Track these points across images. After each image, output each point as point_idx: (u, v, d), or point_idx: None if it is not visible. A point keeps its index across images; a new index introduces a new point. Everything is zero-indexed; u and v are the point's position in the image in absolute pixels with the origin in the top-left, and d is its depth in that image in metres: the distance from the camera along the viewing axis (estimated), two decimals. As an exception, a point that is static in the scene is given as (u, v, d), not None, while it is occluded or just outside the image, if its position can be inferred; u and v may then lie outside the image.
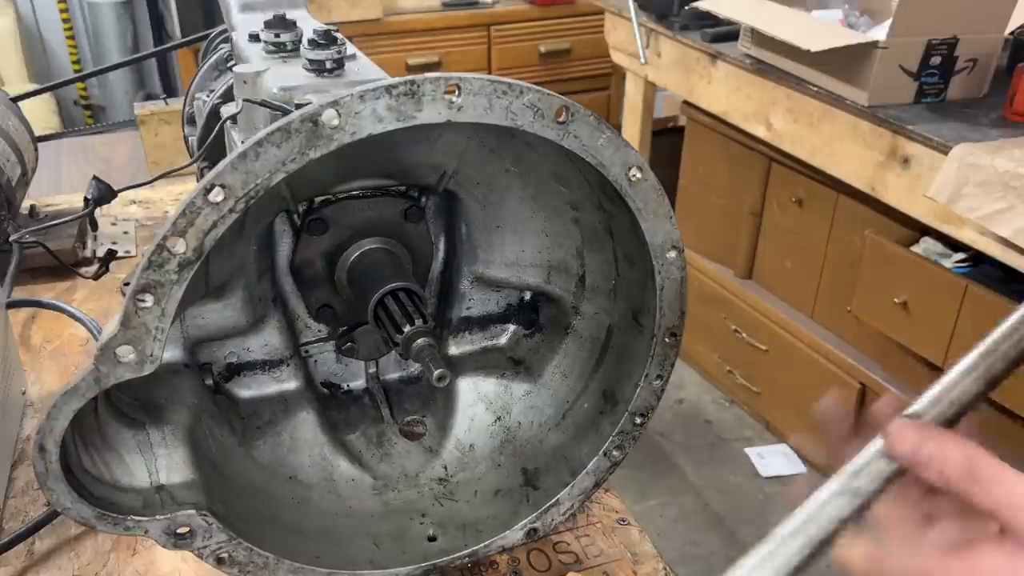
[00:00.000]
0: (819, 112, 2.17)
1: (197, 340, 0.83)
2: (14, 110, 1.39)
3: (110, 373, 0.60)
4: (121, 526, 0.67)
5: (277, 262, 0.85)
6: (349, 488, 0.88)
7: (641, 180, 0.69)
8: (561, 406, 0.90)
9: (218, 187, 0.57)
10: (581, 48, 3.84)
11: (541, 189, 0.81)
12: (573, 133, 0.65)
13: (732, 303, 2.85)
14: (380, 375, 0.95)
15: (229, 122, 0.93)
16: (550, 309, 0.92)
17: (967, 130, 1.88)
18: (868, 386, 2.39)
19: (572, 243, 0.85)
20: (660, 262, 0.73)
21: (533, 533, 0.85)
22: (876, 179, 2.05)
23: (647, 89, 2.97)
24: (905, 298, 2.13)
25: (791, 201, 2.59)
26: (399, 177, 0.84)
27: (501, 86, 0.62)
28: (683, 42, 2.62)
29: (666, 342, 0.78)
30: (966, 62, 1.99)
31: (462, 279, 0.92)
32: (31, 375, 1.13)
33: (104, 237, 1.45)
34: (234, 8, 1.09)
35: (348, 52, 0.83)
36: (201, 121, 1.16)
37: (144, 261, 0.57)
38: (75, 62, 4.32)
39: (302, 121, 0.57)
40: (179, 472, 0.73)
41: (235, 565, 0.72)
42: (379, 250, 0.84)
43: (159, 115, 1.90)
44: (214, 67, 1.27)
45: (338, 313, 0.88)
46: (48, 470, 0.63)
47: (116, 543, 0.88)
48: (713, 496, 2.59)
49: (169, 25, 3.82)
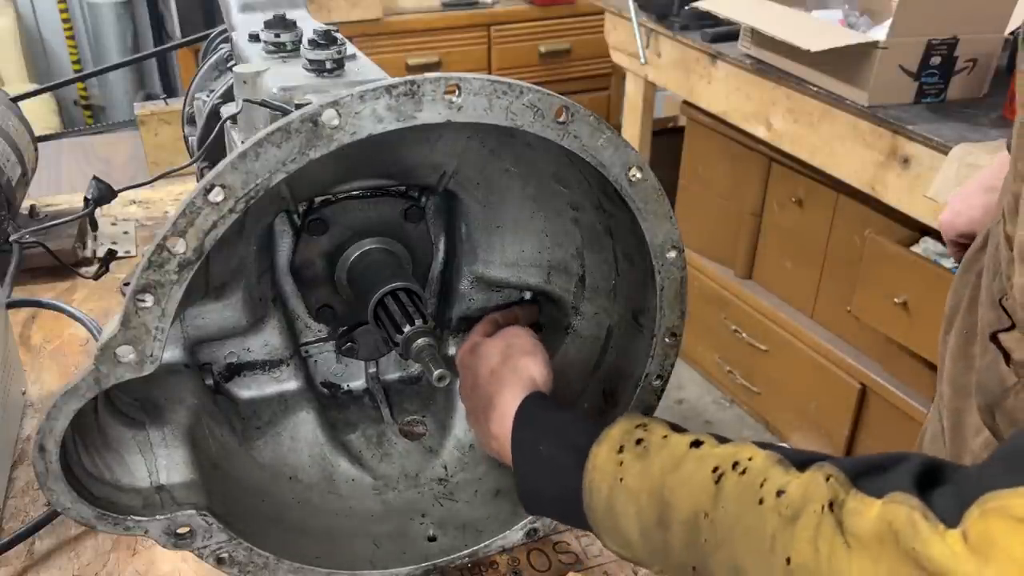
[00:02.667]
0: (819, 112, 2.17)
1: (197, 340, 0.83)
2: (14, 110, 1.39)
3: (110, 373, 0.60)
4: (121, 526, 0.67)
5: (277, 262, 0.85)
6: (349, 488, 0.88)
7: (641, 180, 0.69)
8: (561, 406, 0.90)
9: (218, 187, 0.57)
10: (581, 48, 3.84)
11: (541, 189, 0.81)
12: (573, 133, 0.65)
13: (732, 303, 2.85)
14: (380, 375, 0.95)
15: (229, 122, 0.93)
16: (550, 309, 0.92)
17: (967, 130, 1.87)
18: (868, 386, 2.38)
19: (572, 243, 0.85)
20: (660, 262, 0.73)
21: (533, 533, 0.85)
22: (876, 179, 2.05)
23: (647, 89, 2.96)
24: (905, 298, 2.12)
25: (791, 201, 2.59)
26: (399, 177, 0.84)
27: (501, 86, 0.62)
28: (683, 42, 2.62)
29: (666, 342, 0.78)
30: (966, 62, 1.99)
31: (462, 279, 0.92)
32: (31, 375, 1.13)
33: (104, 237, 1.45)
34: (234, 8, 1.09)
35: (348, 52, 0.83)
36: (201, 121, 1.16)
37: (144, 261, 0.57)
38: (75, 62, 4.31)
39: (302, 121, 0.57)
40: (179, 472, 0.73)
41: (235, 565, 0.72)
42: (379, 250, 0.84)
43: (159, 115, 1.90)
44: (214, 67, 1.27)
45: (338, 313, 0.88)
46: (48, 470, 0.63)
47: (116, 543, 0.88)
48: (713, 496, 2.60)
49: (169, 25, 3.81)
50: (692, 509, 0.58)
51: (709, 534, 0.57)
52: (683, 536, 0.59)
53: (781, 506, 0.53)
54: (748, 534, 0.55)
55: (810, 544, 0.50)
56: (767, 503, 0.54)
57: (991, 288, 0.83)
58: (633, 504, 0.62)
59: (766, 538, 0.53)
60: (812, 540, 0.50)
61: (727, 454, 0.59)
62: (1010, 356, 0.79)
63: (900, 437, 2.25)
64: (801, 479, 0.54)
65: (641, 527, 0.62)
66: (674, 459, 0.61)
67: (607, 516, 0.64)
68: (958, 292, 1.00)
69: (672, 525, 0.59)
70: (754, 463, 0.57)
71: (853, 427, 2.47)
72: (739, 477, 0.57)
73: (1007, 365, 0.79)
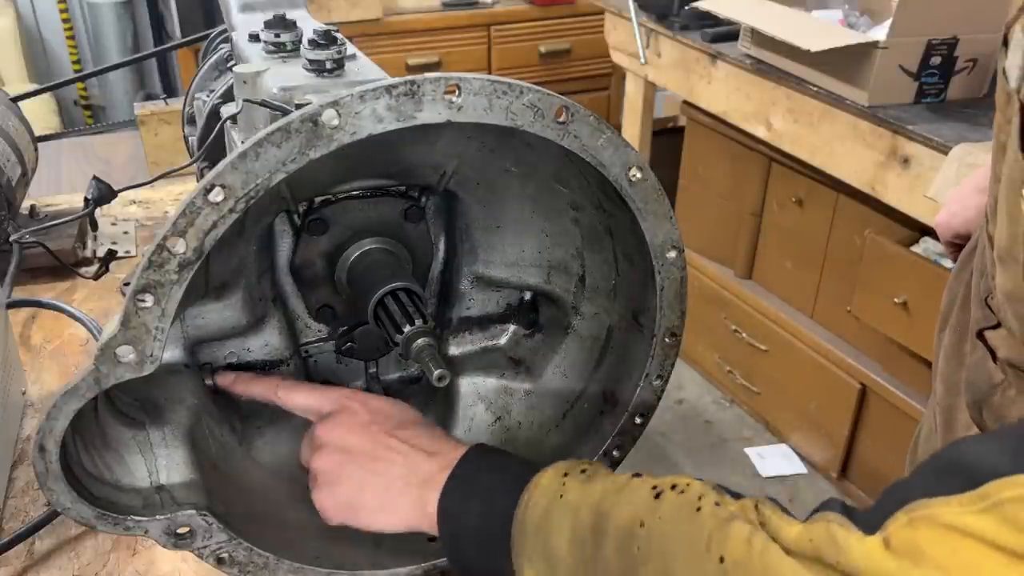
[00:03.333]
0: (819, 112, 2.17)
1: (197, 340, 0.83)
2: (14, 110, 1.39)
3: (110, 373, 0.60)
4: (121, 526, 0.67)
5: (277, 262, 0.85)
6: (349, 488, 0.88)
7: (641, 180, 0.69)
8: (561, 406, 0.90)
9: (218, 187, 0.57)
10: (581, 48, 3.84)
11: (541, 189, 0.81)
12: (573, 133, 0.65)
13: (732, 303, 2.85)
14: (380, 375, 0.95)
15: (229, 122, 0.93)
16: (550, 309, 0.92)
17: (967, 130, 1.88)
18: (868, 386, 2.39)
19: (572, 243, 0.85)
20: (660, 262, 0.73)
21: (533, 533, 0.85)
22: (876, 179, 2.05)
23: (647, 89, 2.97)
24: (905, 298, 2.13)
25: (791, 201, 2.59)
26: (399, 177, 0.84)
27: (501, 86, 0.62)
28: (683, 42, 2.62)
29: (666, 342, 0.78)
30: (966, 62, 1.99)
31: (462, 279, 0.92)
32: (31, 375, 1.13)
33: (104, 237, 1.45)
34: (234, 8, 1.09)
35: (348, 52, 0.83)
36: (201, 121, 1.16)
37: (144, 261, 0.57)
38: (75, 62, 4.31)
39: (302, 121, 0.57)
40: (179, 472, 0.73)
41: (235, 565, 0.72)
42: (379, 250, 0.84)
43: (159, 115, 1.90)
44: (214, 67, 1.27)
45: (338, 313, 0.88)
46: (48, 470, 0.63)
47: (116, 543, 0.88)
48: (713, 496, 2.60)
49: (169, 25, 3.82)
50: (630, 517, 0.59)
51: (643, 542, 0.58)
52: (616, 544, 0.59)
53: (719, 511, 0.55)
54: (683, 538, 0.56)
55: (744, 543, 0.52)
56: (704, 510, 0.56)
57: (979, 287, 0.84)
58: (569, 517, 0.62)
59: (702, 540, 0.54)
60: (747, 540, 0.52)
61: (667, 480, 0.61)
62: (996, 353, 0.79)
63: (900, 437, 2.25)
64: (736, 503, 0.56)
65: (573, 537, 0.62)
66: (616, 484, 0.63)
67: (538, 531, 0.64)
68: (952, 291, 1.01)
69: (607, 533, 0.60)
70: (692, 486, 0.60)
71: (853, 427, 2.47)
72: (678, 495, 0.59)
73: (994, 362, 0.79)
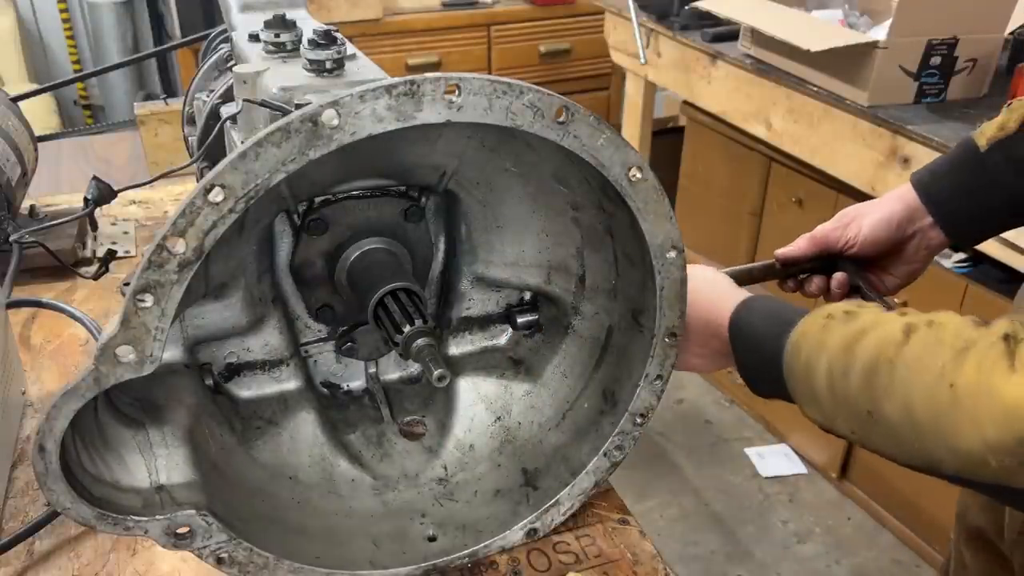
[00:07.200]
0: (819, 112, 2.17)
1: (197, 340, 0.83)
2: (14, 110, 1.39)
3: (110, 373, 0.60)
4: (121, 526, 0.67)
5: (277, 262, 0.85)
6: (349, 488, 0.88)
7: (641, 180, 0.69)
8: (561, 406, 0.90)
9: (218, 187, 0.57)
10: (581, 48, 3.84)
11: (541, 189, 0.81)
12: (573, 133, 0.65)
13: (732, 303, 2.85)
14: (380, 375, 0.95)
15: (229, 122, 0.93)
16: (550, 309, 0.92)
17: (967, 130, 1.86)
18: (868, 386, 2.39)
19: (572, 243, 0.85)
20: (660, 262, 0.73)
21: (533, 533, 0.85)
22: (876, 179, 2.05)
23: (647, 89, 2.96)
24: (905, 298, 2.12)
25: (791, 201, 2.59)
26: (399, 177, 0.84)
27: (501, 86, 0.62)
28: (683, 42, 2.62)
29: (666, 342, 0.78)
30: (966, 62, 1.99)
31: (462, 279, 0.92)
32: (31, 375, 1.13)
33: (104, 237, 1.45)
34: (234, 8, 1.09)
35: (348, 52, 0.83)
36: (201, 121, 1.16)
37: (144, 261, 0.57)
38: (75, 62, 4.31)
39: (302, 121, 0.57)
40: (179, 472, 0.73)
41: (235, 565, 0.72)
42: (379, 250, 0.84)
43: (159, 115, 1.90)
44: (214, 67, 1.27)
45: (338, 313, 0.88)
46: (48, 470, 0.63)
47: (116, 543, 0.88)
48: (713, 496, 2.59)
49: (169, 25, 3.81)
50: (875, 355, 0.63)
51: (887, 378, 0.62)
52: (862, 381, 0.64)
53: (957, 340, 0.59)
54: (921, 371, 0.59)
55: (975, 368, 0.55)
56: (946, 342, 0.59)
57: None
58: (824, 359, 0.68)
59: (936, 369, 0.58)
60: (978, 364, 0.55)
61: (927, 316, 0.64)
62: None
63: (900, 437, 2.25)
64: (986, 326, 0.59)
65: (829, 382, 0.67)
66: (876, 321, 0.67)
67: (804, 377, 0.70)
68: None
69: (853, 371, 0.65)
70: (950, 319, 0.62)
71: (853, 427, 2.47)
72: (928, 329, 0.62)
73: None
